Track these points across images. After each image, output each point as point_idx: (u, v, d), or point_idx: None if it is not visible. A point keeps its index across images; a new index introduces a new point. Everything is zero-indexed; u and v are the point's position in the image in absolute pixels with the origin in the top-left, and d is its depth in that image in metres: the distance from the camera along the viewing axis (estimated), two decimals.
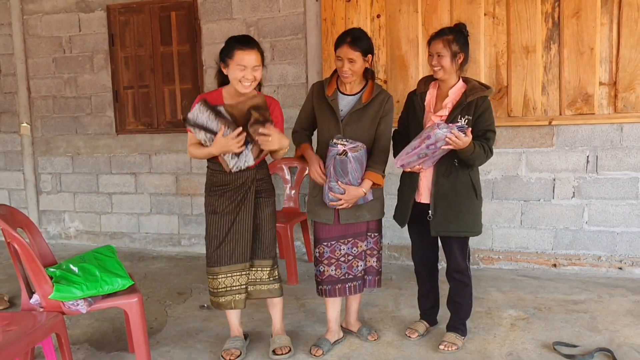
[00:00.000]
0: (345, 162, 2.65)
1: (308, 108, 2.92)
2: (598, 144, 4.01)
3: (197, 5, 4.82)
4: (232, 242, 2.78)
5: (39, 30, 5.32)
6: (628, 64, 3.85)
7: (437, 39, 2.71)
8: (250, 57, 2.59)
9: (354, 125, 2.76)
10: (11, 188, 5.67)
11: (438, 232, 2.80)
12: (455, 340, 2.89)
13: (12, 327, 2.26)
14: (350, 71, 2.70)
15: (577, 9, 3.89)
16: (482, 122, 2.70)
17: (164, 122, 5.07)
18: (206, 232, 2.85)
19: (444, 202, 2.75)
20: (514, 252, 4.27)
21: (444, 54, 2.68)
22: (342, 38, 2.71)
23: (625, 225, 4.03)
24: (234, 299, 2.83)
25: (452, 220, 2.75)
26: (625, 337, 2.98)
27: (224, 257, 2.79)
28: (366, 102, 2.75)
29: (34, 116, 5.47)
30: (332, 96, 2.79)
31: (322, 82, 2.90)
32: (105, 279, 2.56)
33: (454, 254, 2.84)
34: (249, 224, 2.78)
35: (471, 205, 2.78)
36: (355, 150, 2.67)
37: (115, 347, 3.06)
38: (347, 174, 2.67)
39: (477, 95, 2.69)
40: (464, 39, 2.72)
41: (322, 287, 2.89)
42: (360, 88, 2.81)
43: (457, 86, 2.76)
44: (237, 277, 2.81)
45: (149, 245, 5.29)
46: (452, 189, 2.74)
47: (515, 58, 4.05)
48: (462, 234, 2.79)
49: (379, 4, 4.30)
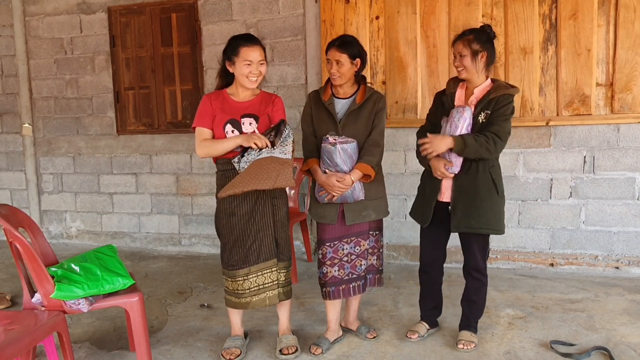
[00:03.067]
0: (333, 151, 2.73)
1: (308, 115, 2.97)
2: (595, 144, 4.03)
3: (198, 6, 4.85)
4: (257, 241, 2.79)
5: (41, 31, 5.35)
6: (625, 65, 3.87)
7: (459, 40, 2.77)
8: (255, 53, 2.69)
9: (351, 126, 2.82)
10: (13, 188, 5.70)
11: (458, 228, 2.79)
12: (471, 338, 2.90)
13: (14, 326, 2.27)
14: (338, 73, 2.80)
15: (574, 10, 3.91)
16: (496, 116, 2.70)
17: (164, 123, 5.10)
18: (226, 237, 2.82)
19: (464, 197, 2.75)
20: (512, 251, 4.29)
21: (465, 53, 2.72)
22: (332, 42, 2.84)
23: (622, 225, 4.05)
24: (267, 295, 2.83)
25: (473, 216, 2.74)
26: (621, 336, 2.99)
27: (252, 257, 2.78)
28: (360, 103, 2.82)
29: (36, 117, 5.50)
30: (328, 101, 2.87)
31: (317, 90, 2.99)
32: (106, 278, 2.57)
33: (473, 252, 2.83)
34: (269, 222, 2.81)
35: (492, 202, 2.76)
36: (344, 143, 2.75)
37: (116, 346, 3.08)
38: (336, 165, 2.74)
39: (499, 93, 2.71)
40: (485, 37, 2.74)
41: (326, 289, 2.90)
42: (353, 91, 2.89)
43: (483, 85, 2.79)
44: (267, 274, 2.82)
45: (149, 245, 5.32)
46: (473, 185, 2.74)
47: (512, 59, 4.07)
48: (482, 230, 2.77)
49: (377, 6, 4.33)
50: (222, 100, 2.79)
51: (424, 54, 4.27)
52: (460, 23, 4.11)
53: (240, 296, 2.82)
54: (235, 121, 2.75)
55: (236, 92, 2.81)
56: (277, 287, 2.85)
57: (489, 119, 2.70)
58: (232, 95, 2.81)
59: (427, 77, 4.26)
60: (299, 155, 2.99)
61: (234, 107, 2.78)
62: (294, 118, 4.69)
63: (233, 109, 2.77)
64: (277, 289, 2.84)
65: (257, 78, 2.74)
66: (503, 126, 2.70)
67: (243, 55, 2.68)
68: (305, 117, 2.98)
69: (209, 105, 2.77)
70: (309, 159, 2.90)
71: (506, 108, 2.71)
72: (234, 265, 2.80)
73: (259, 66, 2.71)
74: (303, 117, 3.00)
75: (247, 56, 2.68)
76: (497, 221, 2.79)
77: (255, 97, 2.83)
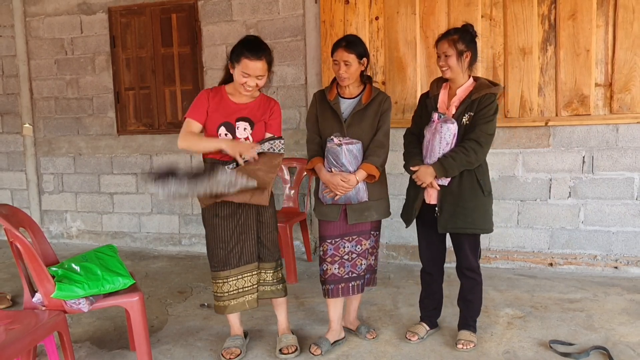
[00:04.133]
0: (339, 152, 2.73)
1: (313, 115, 2.96)
2: (594, 144, 4.04)
3: (198, 7, 4.86)
4: (239, 244, 2.79)
5: (41, 32, 5.36)
6: (623, 66, 3.88)
7: (443, 39, 2.76)
8: (255, 67, 2.60)
9: (356, 126, 2.82)
10: (14, 188, 5.71)
11: (445, 229, 2.81)
12: (470, 337, 2.91)
13: (15, 326, 2.28)
14: (346, 73, 2.79)
15: (573, 11, 3.92)
16: (479, 117, 2.71)
17: (164, 123, 5.11)
18: (209, 237, 2.82)
19: (450, 198, 2.77)
20: (511, 251, 4.30)
21: (450, 53, 2.72)
22: (337, 43, 2.83)
23: (620, 224, 4.06)
24: (246, 299, 2.83)
25: (459, 217, 2.76)
26: (620, 336, 3.00)
27: (234, 260, 2.79)
28: (366, 103, 2.82)
29: (37, 117, 5.51)
30: (334, 100, 2.87)
31: (323, 90, 2.98)
32: (106, 278, 2.58)
33: (465, 251, 2.85)
34: (252, 225, 2.81)
35: (478, 202, 2.77)
36: (350, 144, 2.74)
37: (116, 345, 3.09)
38: (342, 165, 2.74)
39: (482, 93, 2.72)
40: (469, 37, 2.75)
41: (325, 286, 2.90)
42: (359, 91, 2.89)
43: (465, 84, 2.79)
44: (248, 277, 2.82)
45: (149, 245, 5.33)
46: (458, 186, 2.76)
47: (512, 59, 4.08)
48: (469, 230, 2.78)
49: (377, 6, 4.34)
50: (219, 98, 2.75)
51: (423, 54, 4.28)
52: (459, 23, 4.03)
53: (220, 299, 2.83)
54: (229, 124, 2.71)
55: (235, 92, 2.77)
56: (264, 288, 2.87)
57: (472, 120, 2.71)
58: (231, 95, 2.77)
59: (426, 77, 4.27)
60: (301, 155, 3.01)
61: (230, 108, 2.74)
62: (294, 118, 4.71)
63: (229, 110, 2.73)
64: (257, 292, 2.85)
65: (253, 89, 2.67)
66: (485, 129, 2.70)
67: (243, 65, 2.60)
68: (310, 116, 2.97)
69: (206, 100, 2.73)
70: (313, 157, 2.90)
71: (488, 109, 2.71)
72: (215, 267, 2.81)
73: (256, 79, 2.64)
74: (308, 116, 3.00)
75: (245, 68, 2.60)
76: (484, 221, 2.81)
77: (253, 101, 2.79)
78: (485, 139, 2.71)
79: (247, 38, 2.69)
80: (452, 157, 2.68)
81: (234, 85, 2.75)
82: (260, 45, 2.66)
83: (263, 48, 2.65)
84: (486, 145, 2.73)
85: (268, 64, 2.66)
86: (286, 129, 4.63)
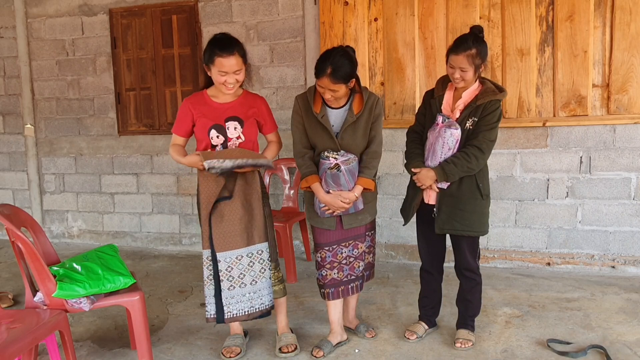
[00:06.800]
0: (338, 175, 2.67)
1: (299, 124, 2.81)
2: (591, 144, 4.06)
3: (198, 8, 4.88)
4: None
5: (43, 33, 5.38)
6: (620, 67, 3.90)
7: (460, 53, 2.63)
8: (230, 63, 2.58)
9: (349, 139, 2.72)
10: (15, 188, 5.73)
11: (442, 230, 2.82)
12: (468, 336, 2.93)
13: (17, 325, 2.30)
14: (333, 98, 2.66)
15: (570, 12, 3.94)
16: (482, 124, 2.71)
17: (165, 124, 5.14)
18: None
19: (448, 200, 2.79)
20: (509, 251, 4.32)
21: (467, 69, 2.65)
22: (322, 68, 2.58)
23: (617, 224, 4.08)
24: None
25: (456, 219, 2.78)
26: (617, 335, 3.02)
27: None
28: (358, 114, 2.71)
29: (38, 117, 5.53)
30: (320, 113, 2.71)
31: (305, 95, 2.79)
32: (107, 277, 2.59)
33: (464, 252, 2.86)
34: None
35: (476, 205, 2.79)
36: (347, 163, 2.69)
37: (117, 344, 3.11)
38: (340, 185, 2.71)
39: (487, 99, 2.69)
40: (485, 49, 2.68)
41: (324, 290, 2.89)
42: (347, 99, 2.75)
43: (471, 88, 2.76)
44: None
45: (150, 245, 5.35)
46: (458, 189, 2.77)
47: (509, 60, 4.10)
48: (465, 232, 2.80)
49: (376, 8, 4.36)
50: (202, 103, 2.73)
51: (422, 55, 4.30)
52: (457, 25, 4.14)
53: None
54: (220, 126, 2.70)
55: (217, 93, 2.75)
56: None
57: (475, 126, 2.72)
58: (213, 97, 2.75)
59: (425, 78, 4.29)
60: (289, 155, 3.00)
61: (216, 110, 2.72)
62: None
63: (215, 113, 2.72)
64: None
65: (234, 86, 2.65)
66: (487, 135, 2.71)
67: (218, 65, 2.58)
68: (296, 126, 2.81)
69: (188, 110, 2.73)
70: (307, 175, 2.76)
71: (492, 115, 2.70)
72: None
73: (234, 75, 2.61)
74: (294, 126, 2.82)
75: (221, 67, 2.58)
76: (481, 223, 2.82)
77: (237, 99, 2.77)
78: (487, 146, 2.72)
79: (216, 37, 2.65)
80: (454, 163, 2.69)
81: (215, 87, 2.74)
82: (230, 40, 2.63)
83: (234, 43, 2.62)
84: (488, 152, 2.73)
85: (242, 57, 2.62)
86: (286, 129, 4.63)
